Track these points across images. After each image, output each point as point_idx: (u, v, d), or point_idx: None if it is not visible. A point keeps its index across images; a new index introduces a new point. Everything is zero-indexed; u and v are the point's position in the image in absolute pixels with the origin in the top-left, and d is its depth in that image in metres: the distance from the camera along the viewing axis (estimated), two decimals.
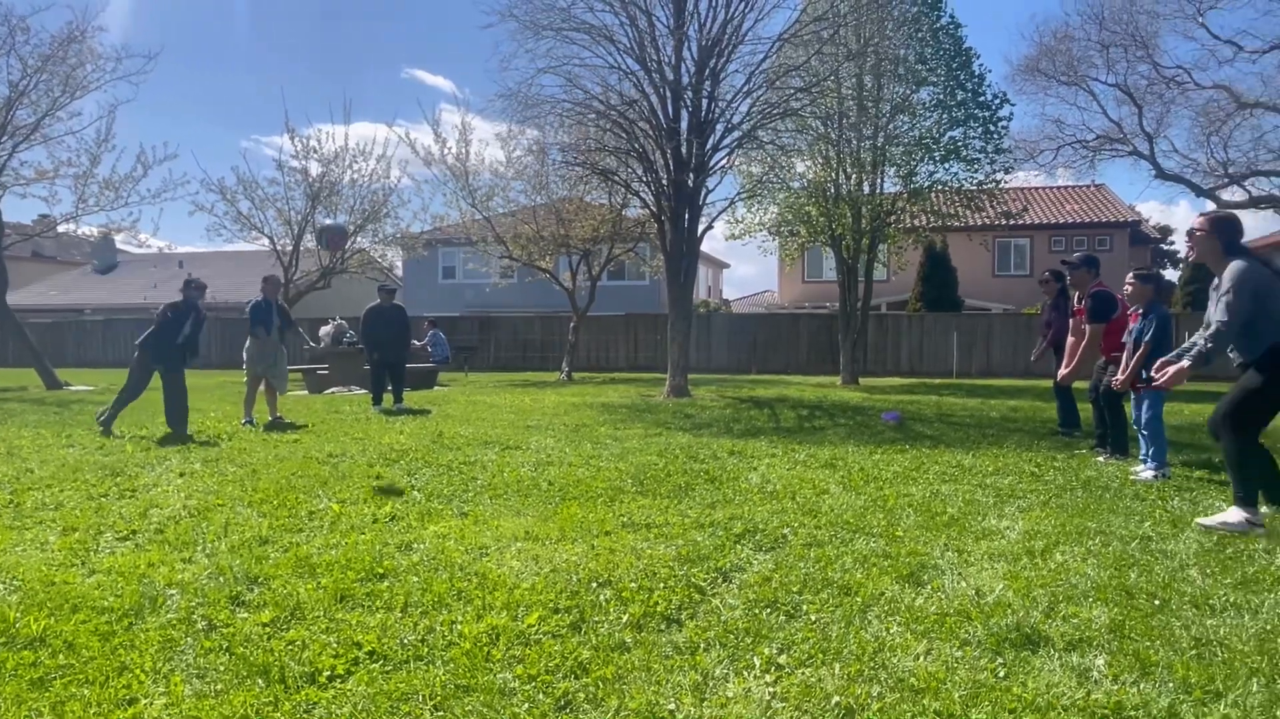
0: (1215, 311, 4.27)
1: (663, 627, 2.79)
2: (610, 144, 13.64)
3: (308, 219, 20.65)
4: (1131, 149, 21.37)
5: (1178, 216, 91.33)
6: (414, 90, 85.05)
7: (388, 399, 10.79)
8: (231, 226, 20.53)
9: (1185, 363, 4.34)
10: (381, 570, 3.42)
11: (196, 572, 3.46)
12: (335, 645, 2.64)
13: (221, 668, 2.50)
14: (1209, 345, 4.26)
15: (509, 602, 3.00)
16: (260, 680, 2.40)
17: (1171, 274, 30.28)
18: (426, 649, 2.61)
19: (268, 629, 2.81)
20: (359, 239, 21.75)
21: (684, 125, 12.82)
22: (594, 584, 3.21)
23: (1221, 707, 2.19)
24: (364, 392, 13.12)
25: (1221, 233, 4.39)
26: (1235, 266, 4.20)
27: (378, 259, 24.05)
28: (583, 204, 19.10)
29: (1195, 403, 11.31)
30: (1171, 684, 2.32)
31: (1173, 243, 42.17)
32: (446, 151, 18.85)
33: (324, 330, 15.65)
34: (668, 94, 12.66)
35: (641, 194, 14.23)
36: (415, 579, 3.30)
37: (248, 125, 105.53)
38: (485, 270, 22.55)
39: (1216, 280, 4.38)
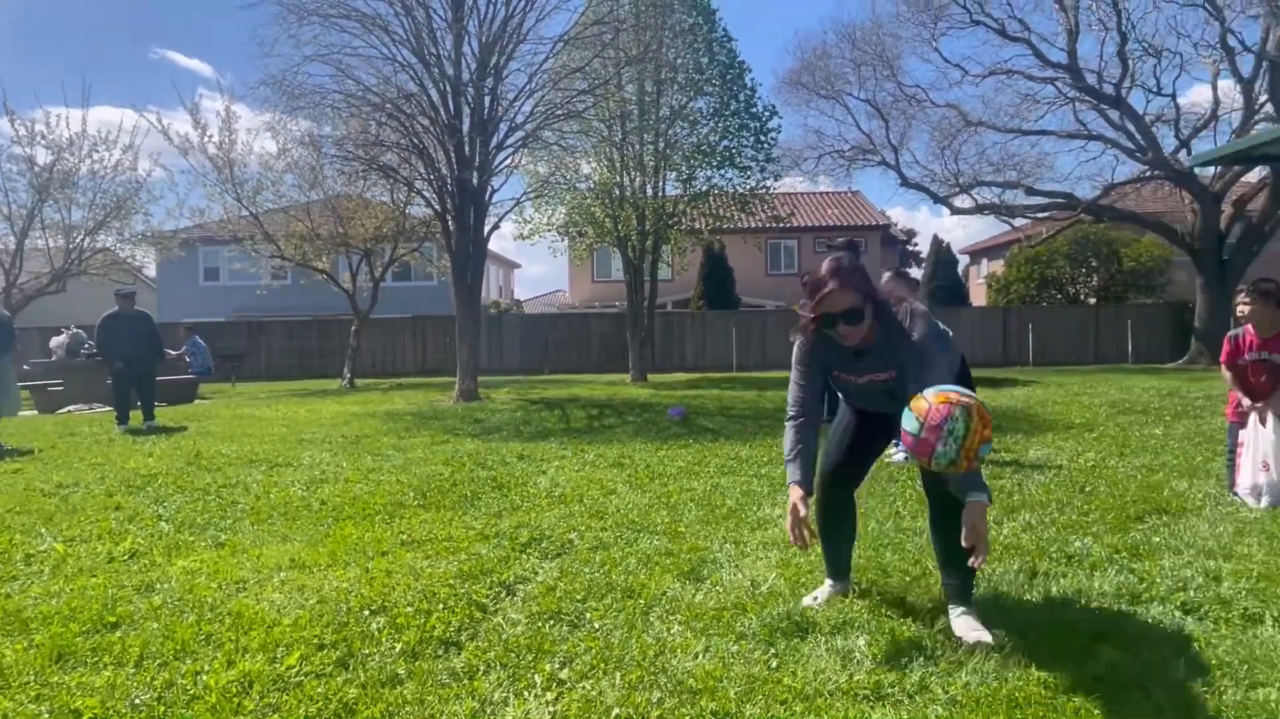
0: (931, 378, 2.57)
1: (440, 652, 2.65)
2: (389, 139, 13.03)
3: (34, 213, 18.08)
4: (881, 159, 23.50)
5: (919, 220, 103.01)
6: (167, 72, 76.85)
7: (136, 417, 9.65)
8: None
9: None
10: (114, 619, 2.99)
11: None
12: (47, 716, 2.26)
13: None
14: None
15: (266, 642, 2.71)
16: None
17: (916, 272, 33.79)
18: (163, 708, 2.30)
19: None
20: (101, 237, 19.36)
21: (466, 123, 12.50)
22: (366, 612, 2.99)
23: (963, 675, 2.39)
24: (108, 409, 11.66)
25: (861, 282, 2.71)
26: (922, 312, 2.77)
27: (126, 260, 21.56)
28: (362, 201, 18.14)
29: None
30: (921, 659, 2.51)
31: (916, 244, 47.25)
32: (207, 140, 17.19)
33: (56, 341, 13.79)
34: (448, 89, 12.28)
35: (424, 192, 13.73)
36: (155, 625, 2.91)
37: None
38: (254, 271, 20.83)
39: (853, 350, 2.79)
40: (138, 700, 2.34)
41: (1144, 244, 24.59)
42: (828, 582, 3.16)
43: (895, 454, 6.31)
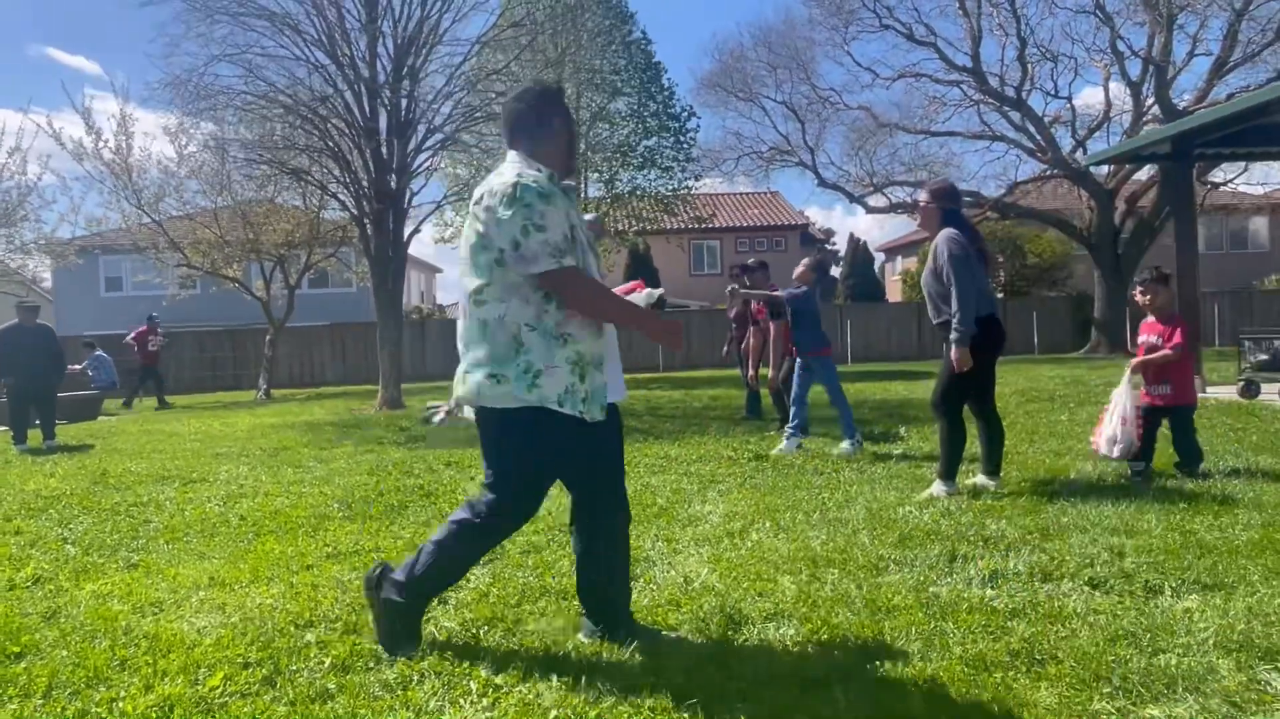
0: (930, 283, 4.55)
1: (372, 664, 2.59)
2: (301, 142, 12.66)
3: None
4: (798, 160, 24.03)
5: (835, 220, 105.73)
6: (53, 72, 72.60)
7: (35, 436, 9.15)
8: None
9: (955, 352, 4.40)
10: (18, 649, 2.84)
11: None
12: None
13: None
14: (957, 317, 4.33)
15: (187, 663, 2.61)
16: None
17: (835, 270, 34.58)
18: None
19: None
20: None
21: (384, 125, 12.27)
22: (292, 628, 2.90)
23: (889, 657, 2.47)
24: (3, 429, 11.01)
25: (942, 199, 4.67)
26: (941, 235, 4.48)
27: (17, 270, 20.40)
28: (274, 206, 17.57)
29: (860, 382, 13.01)
30: (850, 644, 2.58)
31: (835, 243, 48.35)
32: (102, 145, 16.40)
33: None
34: (363, 91, 12.03)
35: (340, 196, 13.42)
36: (65, 653, 2.77)
37: None
38: (160, 281, 19.98)
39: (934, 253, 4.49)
40: None
41: (1046, 240, 25.74)
42: None
43: (843, 445, 6.43)
